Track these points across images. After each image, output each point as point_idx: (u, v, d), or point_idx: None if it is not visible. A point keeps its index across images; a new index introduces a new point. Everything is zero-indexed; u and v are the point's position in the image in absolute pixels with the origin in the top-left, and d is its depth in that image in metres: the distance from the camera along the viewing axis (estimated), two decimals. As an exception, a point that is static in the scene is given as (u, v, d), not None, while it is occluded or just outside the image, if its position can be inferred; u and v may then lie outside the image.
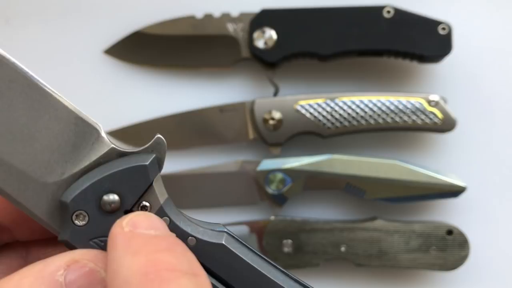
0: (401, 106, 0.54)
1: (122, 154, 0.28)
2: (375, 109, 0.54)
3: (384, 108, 0.54)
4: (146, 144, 0.28)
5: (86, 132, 0.27)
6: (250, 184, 0.56)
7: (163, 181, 0.29)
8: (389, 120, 0.54)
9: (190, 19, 0.57)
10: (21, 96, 0.27)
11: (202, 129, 0.57)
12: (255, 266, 0.28)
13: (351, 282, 0.57)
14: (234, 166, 0.56)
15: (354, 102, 0.54)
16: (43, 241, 0.31)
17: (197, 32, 0.57)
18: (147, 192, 0.27)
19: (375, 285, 0.58)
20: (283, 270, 0.29)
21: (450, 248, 0.54)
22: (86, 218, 0.26)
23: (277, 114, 0.55)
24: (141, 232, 0.24)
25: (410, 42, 0.54)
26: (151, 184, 0.27)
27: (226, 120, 0.57)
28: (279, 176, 0.55)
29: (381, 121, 0.54)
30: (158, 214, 0.27)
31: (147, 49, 0.58)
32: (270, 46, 0.55)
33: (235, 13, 0.57)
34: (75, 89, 0.58)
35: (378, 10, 0.55)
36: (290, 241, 0.54)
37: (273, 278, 0.28)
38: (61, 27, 0.60)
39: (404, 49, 0.55)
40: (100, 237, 0.27)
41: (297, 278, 0.29)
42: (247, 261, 0.28)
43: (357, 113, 0.54)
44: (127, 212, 0.27)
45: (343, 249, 0.54)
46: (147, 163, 0.27)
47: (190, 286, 0.22)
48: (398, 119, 0.54)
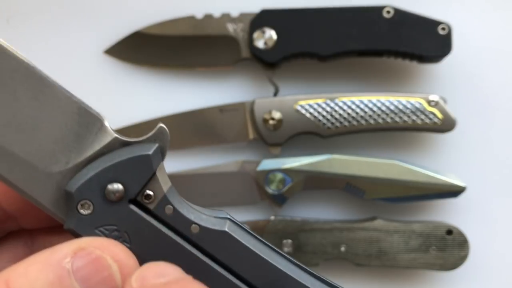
0: (401, 106, 0.54)
1: (125, 144, 0.28)
2: (375, 109, 0.54)
3: (384, 108, 0.54)
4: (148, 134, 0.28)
5: (89, 122, 0.28)
6: (250, 184, 0.56)
7: None
8: (389, 120, 0.54)
9: (190, 19, 0.57)
10: (24, 86, 0.27)
11: (202, 129, 0.57)
12: (258, 253, 0.28)
13: (351, 282, 0.57)
14: (234, 166, 0.56)
15: (354, 102, 0.55)
16: (48, 229, 0.32)
17: (197, 32, 0.57)
18: (151, 181, 0.27)
19: (375, 285, 0.58)
20: (286, 256, 0.29)
21: (450, 248, 0.54)
22: (91, 207, 0.27)
23: (277, 114, 0.55)
24: (150, 283, 0.24)
25: (410, 42, 0.55)
26: (155, 173, 0.27)
27: (226, 120, 0.57)
28: (279, 176, 0.55)
29: (381, 121, 0.54)
30: (162, 203, 0.28)
31: (147, 49, 0.58)
32: (270, 46, 0.55)
33: (235, 13, 0.57)
34: (75, 89, 0.58)
35: (378, 10, 0.55)
36: (290, 241, 0.54)
37: (275, 264, 0.28)
38: (61, 27, 0.60)
39: (404, 49, 0.55)
40: (105, 225, 0.27)
41: (299, 264, 0.29)
42: (250, 247, 0.28)
43: (357, 113, 0.54)
44: (132, 201, 0.27)
45: (343, 249, 0.54)
46: (150, 153, 0.27)
47: None
48: (398, 119, 0.54)
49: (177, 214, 0.28)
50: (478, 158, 0.58)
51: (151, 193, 0.28)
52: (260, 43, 0.56)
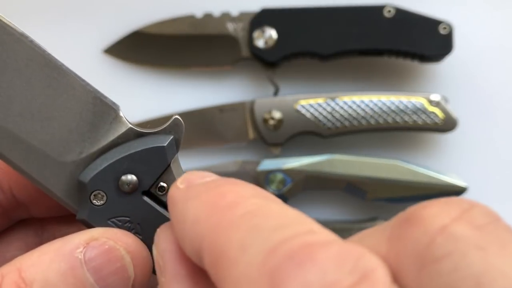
0: (402, 106, 0.54)
1: (140, 135, 0.28)
2: (376, 109, 0.54)
3: (384, 108, 0.54)
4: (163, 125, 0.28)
5: (104, 111, 0.27)
6: (250, 184, 0.56)
7: None
8: (389, 120, 0.54)
9: (190, 19, 0.57)
10: (39, 74, 0.27)
11: (202, 129, 0.57)
12: None
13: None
14: (234, 166, 0.56)
15: (354, 102, 0.54)
16: (59, 218, 0.31)
17: (197, 31, 0.57)
18: (165, 173, 0.27)
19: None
20: None
21: (451, 248, 0.54)
22: (104, 198, 0.26)
23: (277, 114, 0.55)
24: (197, 182, 0.24)
25: (411, 41, 0.54)
26: (169, 165, 0.27)
27: (226, 120, 0.57)
28: (279, 176, 0.54)
29: (381, 121, 0.54)
30: None
31: (147, 48, 0.58)
32: (270, 45, 0.55)
33: (235, 12, 0.57)
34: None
35: (379, 9, 0.55)
36: (290, 241, 0.54)
37: None
38: (61, 27, 0.60)
39: (405, 48, 0.55)
40: (118, 216, 0.27)
41: None
42: None
43: (357, 113, 0.54)
44: (145, 192, 0.27)
45: (344, 249, 0.54)
46: (165, 145, 0.27)
47: (261, 203, 0.21)
48: (398, 119, 0.54)
49: None
50: (479, 158, 0.58)
51: (165, 185, 0.27)
52: (260, 43, 0.55)
